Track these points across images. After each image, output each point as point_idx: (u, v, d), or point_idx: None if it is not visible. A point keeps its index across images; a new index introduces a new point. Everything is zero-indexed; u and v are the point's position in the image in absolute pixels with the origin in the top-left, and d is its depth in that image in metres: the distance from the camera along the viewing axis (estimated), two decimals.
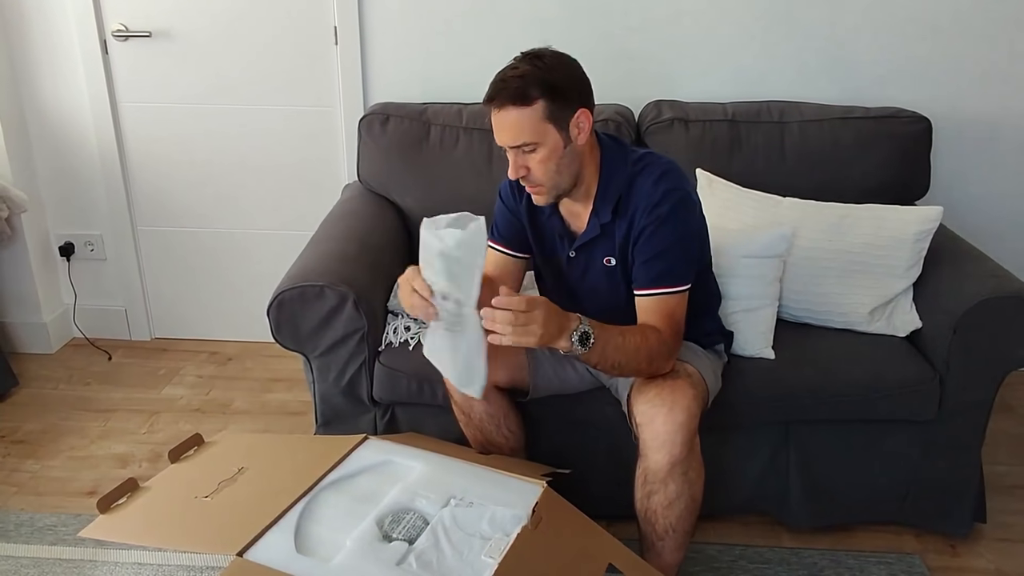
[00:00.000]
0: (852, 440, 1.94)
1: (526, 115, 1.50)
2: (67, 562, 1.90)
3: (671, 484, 1.57)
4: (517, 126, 1.51)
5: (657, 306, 1.59)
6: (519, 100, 1.49)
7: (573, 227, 1.70)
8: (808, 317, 2.05)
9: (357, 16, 2.49)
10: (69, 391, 2.63)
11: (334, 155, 2.68)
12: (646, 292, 1.60)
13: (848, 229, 2.03)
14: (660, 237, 1.58)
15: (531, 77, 1.49)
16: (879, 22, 2.41)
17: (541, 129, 1.51)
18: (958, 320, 1.82)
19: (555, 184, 1.58)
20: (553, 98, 1.50)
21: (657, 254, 1.59)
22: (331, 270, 1.90)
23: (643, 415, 1.55)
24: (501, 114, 1.51)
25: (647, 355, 1.55)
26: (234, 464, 1.59)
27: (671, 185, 1.59)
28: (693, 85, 2.47)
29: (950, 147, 2.48)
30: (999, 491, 2.13)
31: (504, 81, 1.50)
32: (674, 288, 1.59)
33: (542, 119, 1.50)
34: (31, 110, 2.67)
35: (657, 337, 1.56)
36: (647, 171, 1.61)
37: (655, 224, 1.57)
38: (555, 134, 1.52)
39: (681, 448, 1.53)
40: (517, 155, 1.54)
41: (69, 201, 2.78)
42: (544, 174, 1.55)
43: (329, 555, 1.34)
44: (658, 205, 1.57)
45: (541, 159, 1.54)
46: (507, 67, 1.53)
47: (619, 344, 1.51)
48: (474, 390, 1.46)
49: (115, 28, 2.55)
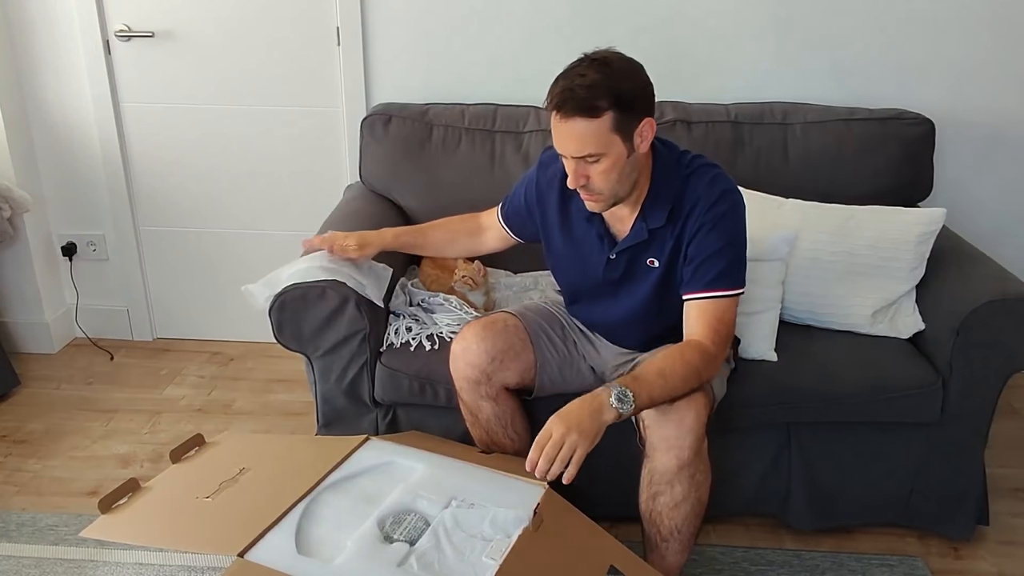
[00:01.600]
0: (855, 442, 1.93)
1: (593, 127, 1.44)
2: (68, 562, 1.90)
3: (678, 486, 1.56)
4: (583, 137, 1.46)
5: (708, 311, 1.56)
6: (587, 111, 1.43)
7: (614, 229, 1.68)
8: (811, 319, 2.04)
9: (360, 17, 2.49)
10: (71, 391, 2.63)
11: (336, 156, 2.68)
12: (698, 295, 1.57)
13: (851, 231, 2.03)
14: (717, 236, 1.56)
15: (600, 87, 1.43)
16: (882, 24, 2.40)
17: (607, 140, 1.46)
18: (961, 322, 1.82)
19: (614, 193, 1.55)
20: (621, 109, 1.45)
21: (714, 253, 1.56)
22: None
23: (652, 417, 1.54)
24: (567, 124, 1.45)
25: (696, 376, 1.51)
26: (235, 465, 1.59)
27: (728, 186, 1.59)
28: (696, 86, 2.46)
29: (953, 149, 2.48)
30: (1002, 494, 2.13)
31: (572, 90, 1.43)
32: (728, 291, 1.57)
33: (609, 130, 1.45)
34: (34, 110, 2.68)
35: (700, 355, 1.52)
36: (700, 172, 1.60)
37: (712, 222, 1.55)
38: (620, 144, 1.48)
39: (689, 451, 1.52)
40: (578, 165, 1.50)
41: (71, 201, 2.79)
42: (605, 184, 1.52)
43: (330, 556, 1.34)
44: (716, 204, 1.56)
45: (604, 169, 1.49)
46: (572, 72, 1.46)
47: (662, 386, 1.47)
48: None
49: (118, 28, 2.56)
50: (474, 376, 1.71)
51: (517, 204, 1.85)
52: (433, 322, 2.03)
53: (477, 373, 1.71)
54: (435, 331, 1.99)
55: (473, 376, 1.72)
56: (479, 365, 1.70)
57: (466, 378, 1.72)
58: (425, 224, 2.02)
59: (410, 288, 2.16)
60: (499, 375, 1.73)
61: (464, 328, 1.77)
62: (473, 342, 1.71)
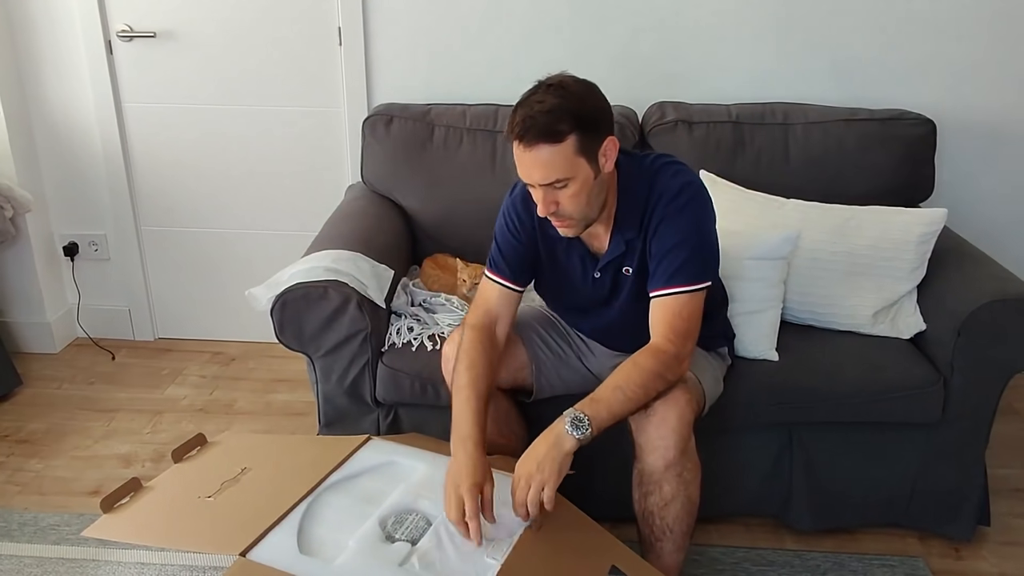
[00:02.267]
0: (856, 442, 1.93)
1: (558, 152, 1.42)
2: (70, 561, 1.90)
3: (666, 485, 1.56)
4: (549, 164, 1.43)
5: (668, 308, 1.55)
6: (550, 137, 1.41)
7: (594, 248, 1.67)
8: (812, 319, 2.04)
9: (361, 17, 2.49)
10: (73, 391, 2.64)
11: (338, 156, 2.68)
12: (660, 292, 1.56)
13: (852, 231, 2.03)
14: (674, 229, 1.54)
15: (560, 111, 1.41)
16: (883, 24, 2.41)
17: (573, 164, 1.44)
18: (962, 323, 1.82)
19: (585, 216, 1.53)
20: (583, 130, 1.43)
21: (673, 246, 1.54)
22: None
23: (636, 420, 1.55)
24: (531, 152, 1.43)
25: (657, 379, 1.51)
26: (237, 464, 1.59)
27: (688, 179, 1.57)
28: (697, 87, 2.47)
29: (955, 149, 2.48)
30: (1003, 494, 2.13)
31: (532, 118, 1.41)
32: (689, 287, 1.54)
33: (574, 154, 1.44)
34: (36, 110, 2.68)
35: (655, 358, 1.52)
36: (663, 170, 1.58)
37: (671, 216, 1.54)
38: (586, 167, 1.46)
39: (674, 451, 1.52)
40: (547, 192, 1.47)
41: (73, 201, 2.79)
42: (576, 208, 1.50)
43: (332, 556, 1.34)
44: (675, 198, 1.54)
45: (572, 194, 1.47)
46: (530, 100, 1.44)
47: (622, 398, 1.47)
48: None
49: (120, 29, 2.56)
50: None
51: (508, 248, 1.70)
52: (435, 322, 2.03)
53: None
54: (437, 331, 1.99)
55: None
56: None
57: None
58: (473, 397, 1.59)
59: (412, 288, 2.16)
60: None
61: (455, 330, 1.76)
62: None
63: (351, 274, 1.87)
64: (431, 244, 2.35)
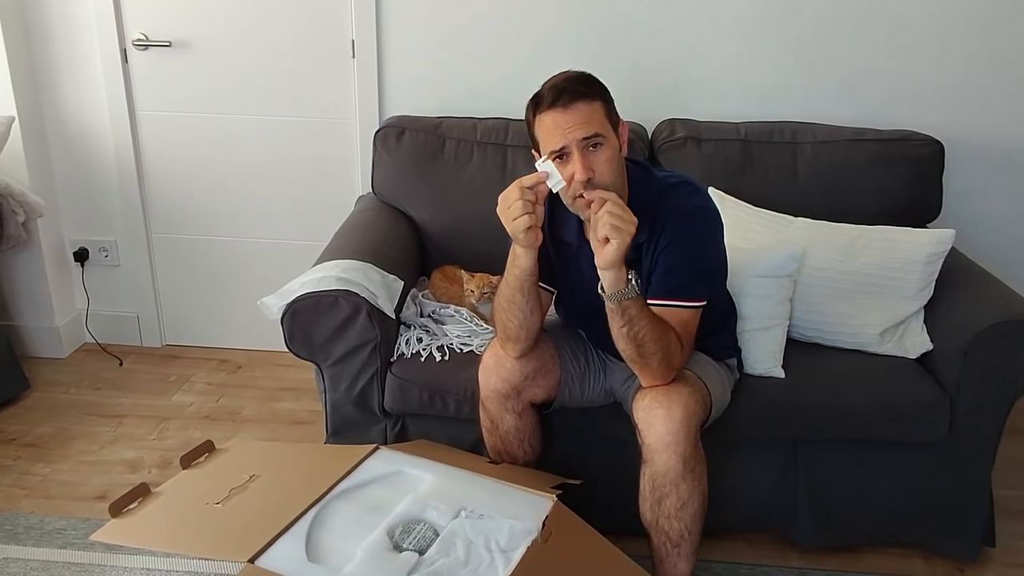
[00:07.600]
0: (861, 460, 1.93)
1: (595, 109, 1.51)
2: (76, 566, 1.91)
3: (683, 484, 1.56)
4: (590, 118, 1.49)
5: (670, 315, 1.59)
6: (586, 96, 1.50)
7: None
8: (818, 337, 2.05)
9: (375, 30, 2.51)
10: (80, 396, 2.65)
11: (349, 167, 2.70)
12: (659, 302, 1.59)
13: (859, 250, 2.04)
14: (684, 249, 1.58)
15: (587, 77, 1.53)
16: (892, 45, 2.42)
17: (605, 125, 1.52)
18: (969, 343, 1.82)
19: (617, 189, 1.54)
20: (607, 101, 1.54)
21: (679, 266, 1.58)
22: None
23: (643, 420, 1.56)
24: (570, 111, 1.49)
25: (664, 349, 1.54)
26: (246, 471, 1.60)
27: (704, 202, 1.61)
28: (706, 104, 2.48)
29: (962, 170, 2.49)
30: (1008, 515, 2.13)
31: (565, 82, 1.51)
32: (688, 303, 1.59)
33: (603, 118, 1.52)
34: (50, 116, 2.70)
35: (676, 340, 1.57)
36: (678, 187, 1.62)
37: (683, 237, 1.58)
38: (613, 136, 1.53)
39: (686, 445, 1.53)
40: (584, 156, 1.49)
41: (85, 207, 2.81)
42: (610, 174, 1.52)
43: (339, 564, 1.35)
44: (688, 219, 1.58)
45: (607, 158, 1.51)
46: (555, 77, 1.54)
47: (650, 318, 1.52)
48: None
49: (135, 37, 2.59)
50: (505, 391, 1.72)
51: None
52: (444, 333, 2.04)
53: (508, 388, 1.72)
54: (445, 342, 2.00)
55: (504, 391, 1.72)
56: (511, 381, 1.71)
57: (496, 391, 1.73)
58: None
59: (421, 299, 2.17)
60: (528, 391, 1.74)
61: (493, 340, 1.76)
62: (508, 359, 1.71)
63: (361, 284, 1.88)
64: (440, 256, 2.36)
